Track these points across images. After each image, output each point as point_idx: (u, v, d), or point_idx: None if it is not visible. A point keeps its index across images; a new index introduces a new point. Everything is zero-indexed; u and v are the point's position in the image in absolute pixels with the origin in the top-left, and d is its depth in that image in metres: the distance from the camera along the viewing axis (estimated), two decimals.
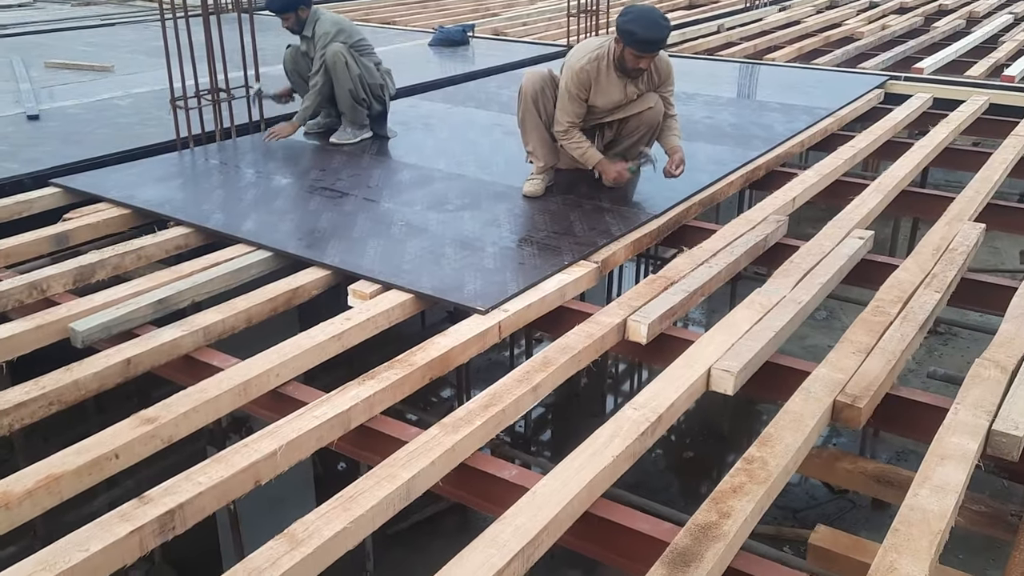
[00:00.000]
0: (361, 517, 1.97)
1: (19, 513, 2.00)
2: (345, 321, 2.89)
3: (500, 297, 3.05)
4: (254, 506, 4.15)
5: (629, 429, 2.32)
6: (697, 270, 3.34)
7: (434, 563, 1.87)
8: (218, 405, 2.46)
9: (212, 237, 3.68)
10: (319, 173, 4.48)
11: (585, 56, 4.00)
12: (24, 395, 2.42)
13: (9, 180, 4.18)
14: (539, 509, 2.00)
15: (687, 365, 2.66)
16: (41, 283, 3.18)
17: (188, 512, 2.01)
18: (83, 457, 2.14)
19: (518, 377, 2.57)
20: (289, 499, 3.70)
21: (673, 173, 4.16)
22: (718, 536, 1.93)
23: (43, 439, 4.50)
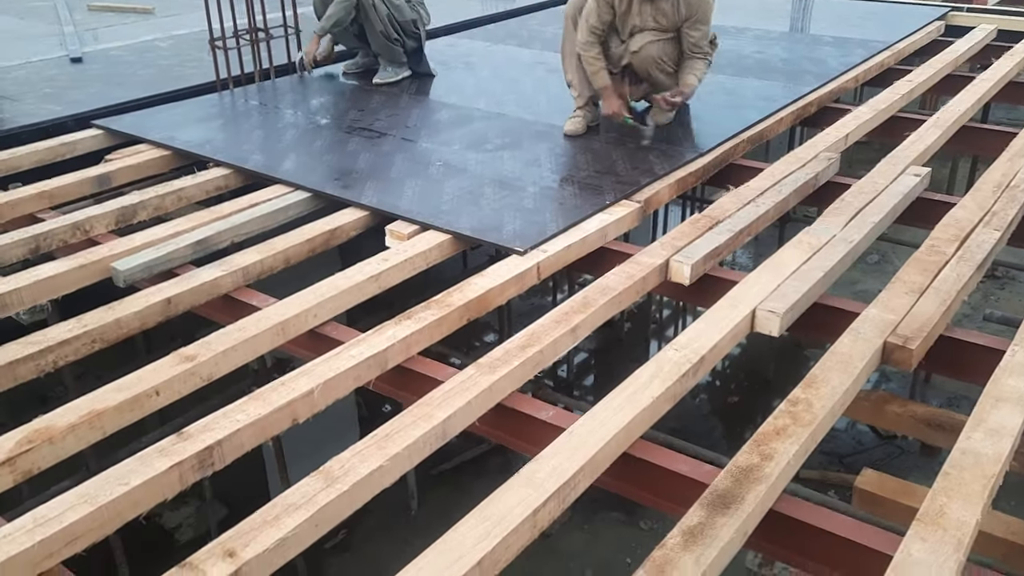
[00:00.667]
0: (397, 455, 1.96)
1: (63, 447, 2.03)
2: (382, 262, 2.87)
3: (539, 238, 2.99)
4: (300, 446, 4.23)
5: (670, 370, 2.27)
6: (743, 209, 3.24)
7: (477, 503, 1.86)
8: (256, 344, 2.46)
9: (251, 178, 3.67)
10: (357, 113, 4.43)
11: None
12: (67, 332, 2.45)
13: (53, 122, 4.20)
14: (576, 450, 1.97)
15: (731, 306, 2.58)
16: (84, 223, 3.20)
17: (226, 448, 2.02)
18: (124, 394, 2.16)
19: (556, 318, 2.52)
20: (334, 440, 3.73)
21: (661, 100, 3.99)
22: (759, 478, 1.89)
23: (96, 377, 4.63)
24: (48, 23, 6.59)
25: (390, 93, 4.79)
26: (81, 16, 6.87)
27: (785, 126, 4.42)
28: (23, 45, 5.82)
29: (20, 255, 3.06)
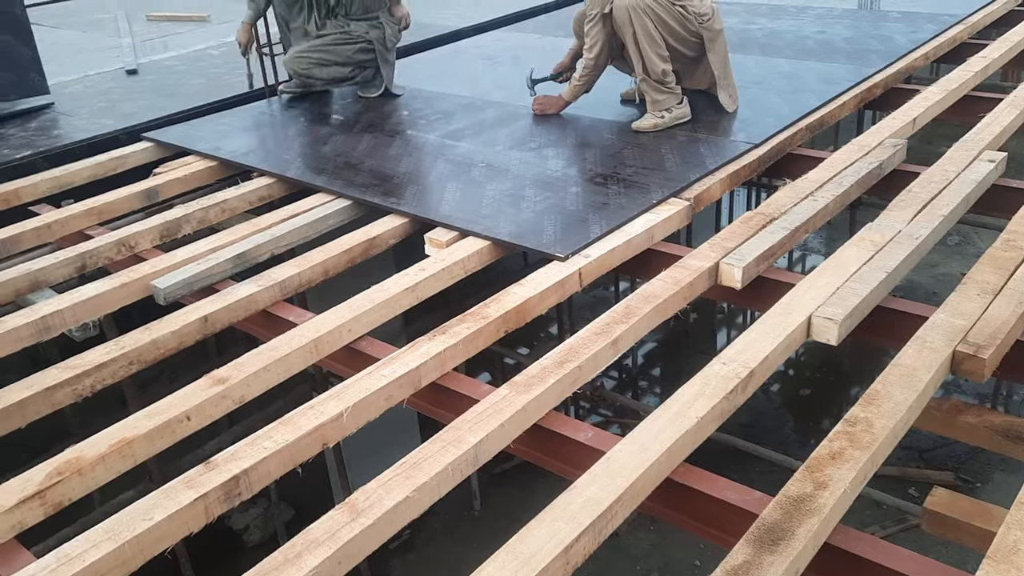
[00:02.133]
0: (424, 485, 1.88)
1: (93, 478, 2.01)
2: (419, 272, 2.79)
3: (581, 242, 2.86)
4: (360, 449, 4.23)
5: (716, 387, 2.13)
6: (800, 204, 3.05)
7: (540, 504, 1.79)
8: (289, 363, 2.42)
9: (294, 187, 3.64)
10: (401, 116, 4.37)
11: None
12: (105, 355, 2.44)
13: (105, 136, 4.26)
14: (613, 478, 1.86)
15: (785, 312, 2.42)
16: (129, 239, 3.22)
17: (253, 478, 1.97)
18: (154, 420, 2.14)
19: (596, 330, 2.40)
20: (395, 441, 3.71)
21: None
22: (812, 510, 1.74)
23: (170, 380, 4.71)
24: (108, 35, 6.74)
25: (434, 93, 4.71)
26: (140, 26, 7.00)
27: (848, 111, 4.18)
28: (83, 58, 5.94)
29: (68, 274, 3.09)
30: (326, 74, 4.55)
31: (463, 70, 5.18)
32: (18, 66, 4.47)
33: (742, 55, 4.94)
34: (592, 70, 3.94)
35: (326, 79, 4.58)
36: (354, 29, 4.53)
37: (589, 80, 3.99)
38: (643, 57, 3.74)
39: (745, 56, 4.92)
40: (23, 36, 4.48)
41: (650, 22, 3.69)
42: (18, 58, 4.46)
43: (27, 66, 4.50)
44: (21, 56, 4.47)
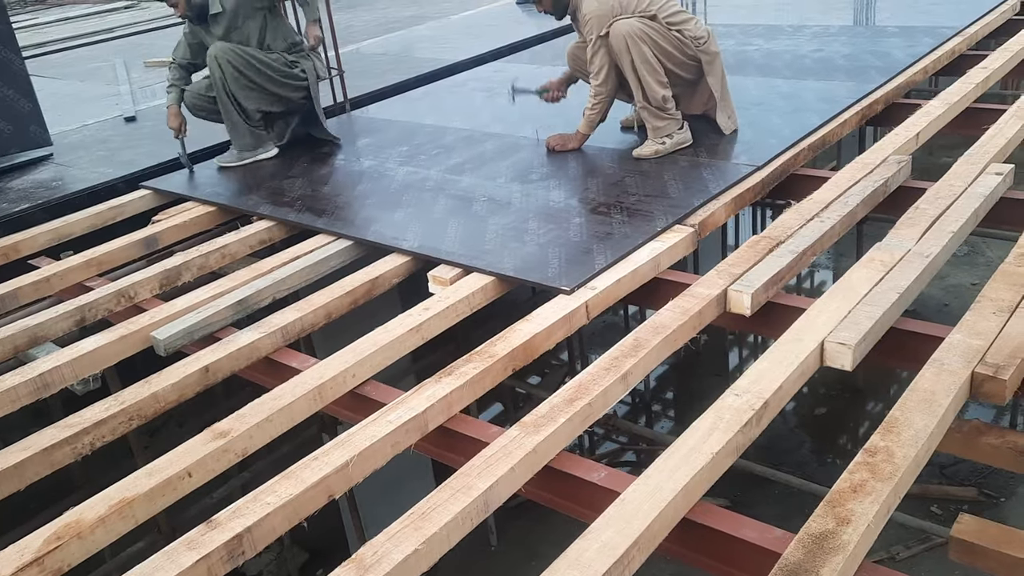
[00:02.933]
0: (434, 536, 1.82)
1: (93, 541, 1.96)
2: (424, 311, 2.74)
3: (587, 274, 2.82)
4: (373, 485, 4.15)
5: (731, 420, 2.07)
6: (807, 226, 3.00)
7: (559, 537, 1.74)
8: (292, 413, 2.37)
9: (295, 229, 3.61)
10: (403, 151, 4.35)
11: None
12: (104, 412, 2.40)
13: (104, 185, 4.25)
14: (629, 520, 1.80)
15: (796, 339, 2.36)
16: (128, 290, 3.19)
17: (257, 535, 1.91)
18: (155, 479, 2.08)
19: (606, 365, 2.35)
20: (406, 478, 3.64)
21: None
22: (835, 548, 1.67)
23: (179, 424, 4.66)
24: (107, 83, 6.77)
25: (437, 127, 4.70)
26: (138, 73, 7.04)
27: (850, 128, 4.15)
28: (82, 108, 5.97)
29: (67, 328, 3.05)
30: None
31: (462, 103, 5.18)
32: (18, 119, 4.50)
33: (740, 77, 4.92)
34: (604, 97, 3.87)
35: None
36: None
37: (603, 108, 3.93)
38: (642, 84, 3.72)
39: (744, 78, 4.90)
40: (23, 88, 4.52)
41: (647, 48, 3.67)
42: (18, 111, 4.50)
43: (27, 118, 4.53)
44: (21, 109, 4.50)
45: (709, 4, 7.36)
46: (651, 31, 3.67)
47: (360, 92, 5.43)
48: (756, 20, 6.48)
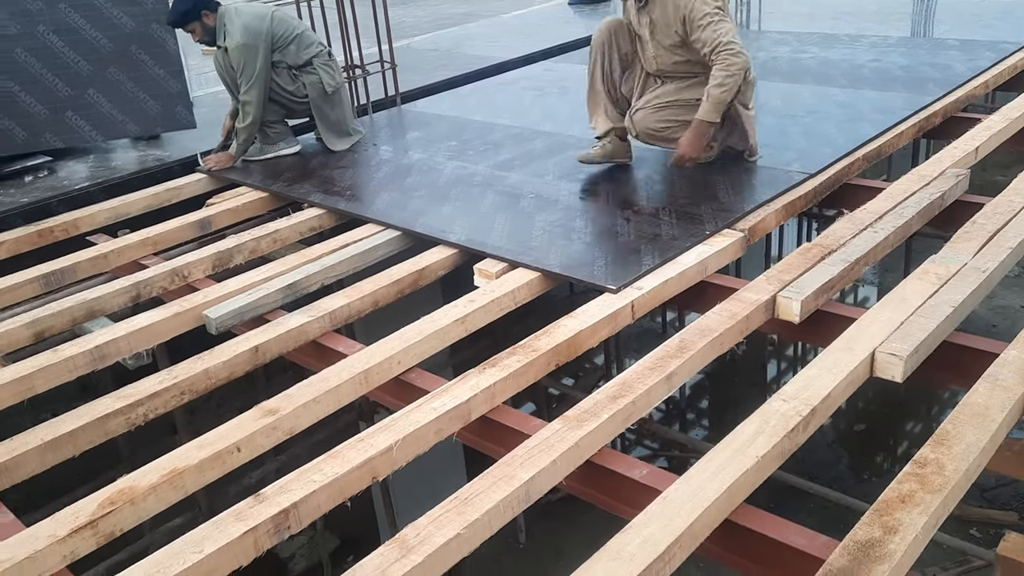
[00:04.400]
0: (476, 522, 1.84)
1: (145, 508, 2.01)
2: (468, 303, 2.77)
3: (633, 274, 2.82)
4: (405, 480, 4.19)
5: (777, 424, 2.05)
6: (860, 236, 2.97)
7: (587, 538, 1.75)
8: (339, 395, 2.40)
9: (344, 217, 3.66)
10: (452, 146, 4.38)
11: None
12: (158, 384, 2.46)
13: (161, 167, 4.34)
14: (671, 518, 1.79)
15: (847, 348, 2.34)
16: (182, 269, 3.25)
17: (303, 511, 1.95)
18: (206, 451, 2.13)
19: (650, 364, 2.35)
20: (440, 472, 3.67)
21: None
22: (882, 556, 1.66)
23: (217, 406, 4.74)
24: None
25: (485, 123, 4.72)
26: (195, 60, 7.15)
27: (906, 140, 4.09)
28: None
29: (122, 303, 3.13)
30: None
31: (511, 101, 5.20)
32: (166, 98, 4.59)
33: (795, 84, 4.88)
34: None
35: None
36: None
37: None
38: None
39: (799, 86, 4.86)
40: (173, 69, 4.60)
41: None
42: (167, 91, 4.58)
43: (175, 99, 4.61)
44: (170, 89, 4.59)
45: (764, 11, 7.30)
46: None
47: (410, 87, 5.48)
48: (812, 28, 6.41)
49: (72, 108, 4.36)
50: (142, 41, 4.45)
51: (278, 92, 4.25)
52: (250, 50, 4.05)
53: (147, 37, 4.46)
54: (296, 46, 4.21)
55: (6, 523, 2.04)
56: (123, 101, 4.47)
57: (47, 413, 2.76)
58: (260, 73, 4.10)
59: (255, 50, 4.05)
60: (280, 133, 4.40)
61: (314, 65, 4.29)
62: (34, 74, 4.22)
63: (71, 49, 4.27)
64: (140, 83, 4.50)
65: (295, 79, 4.28)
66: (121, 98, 4.46)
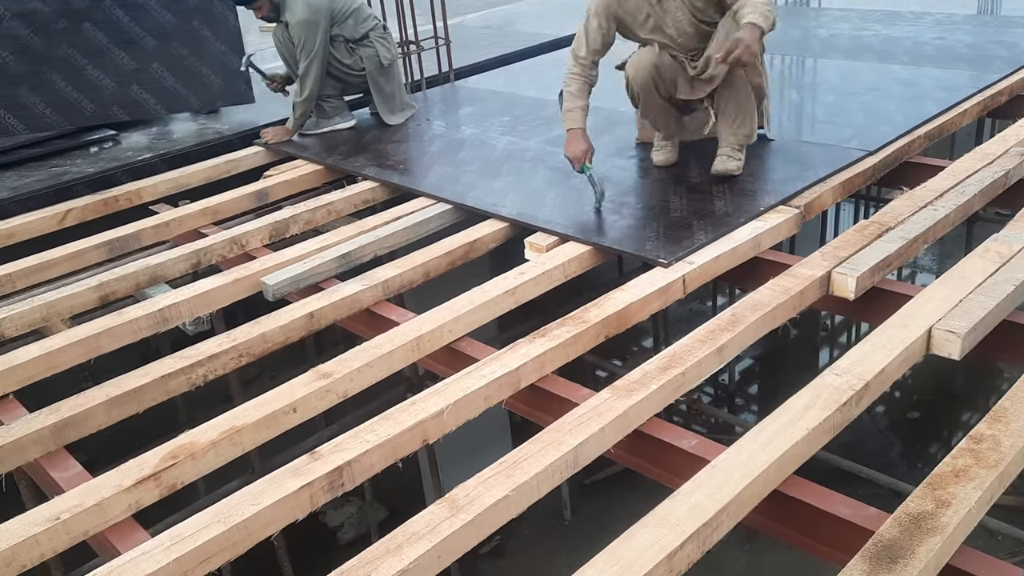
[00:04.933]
0: (524, 484, 1.87)
1: (204, 463, 2.08)
2: (519, 275, 2.79)
3: (686, 248, 2.81)
4: (453, 450, 4.25)
5: (829, 398, 2.04)
6: (919, 213, 2.91)
7: (631, 516, 1.75)
8: (391, 361, 2.45)
9: (397, 191, 3.71)
10: (504, 121, 4.39)
11: None
12: (217, 347, 2.53)
13: (220, 140, 4.44)
14: (719, 487, 1.80)
15: (903, 324, 2.31)
16: (240, 238, 3.33)
17: (356, 470, 2.00)
18: (262, 410, 2.19)
19: (701, 337, 2.34)
20: (487, 445, 3.71)
21: (716, 57, 3.07)
22: (934, 528, 1.64)
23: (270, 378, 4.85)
24: None
25: (537, 100, 4.72)
26: (253, 37, 7.26)
27: (970, 119, 3.98)
28: None
29: (183, 270, 3.22)
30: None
31: None
32: (228, 73, 4.69)
33: (856, 62, 4.78)
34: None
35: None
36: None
37: None
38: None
39: (859, 63, 4.76)
40: (235, 45, 4.71)
41: None
42: (228, 66, 4.69)
43: (236, 74, 4.70)
44: (231, 64, 4.69)
45: None
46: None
47: (463, 63, 5.50)
48: (875, 5, 6.26)
49: (137, 82, 4.48)
50: (204, 17, 4.55)
51: (336, 66, 4.31)
52: (311, 25, 4.11)
53: (209, 13, 4.56)
54: (354, 20, 4.27)
55: (74, 473, 2.13)
56: (186, 75, 4.58)
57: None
58: (320, 48, 4.16)
59: (316, 25, 4.12)
60: (336, 107, 4.46)
61: (371, 39, 4.34)
62: (101, 48, 4.34)
63: (136, 24, 4.37)
64: (202, 58, 4.60)
65: (352, 52, 4.33)
66: (184, 72, 4.57)
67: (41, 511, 1.90)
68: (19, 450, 2.15)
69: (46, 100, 4.32)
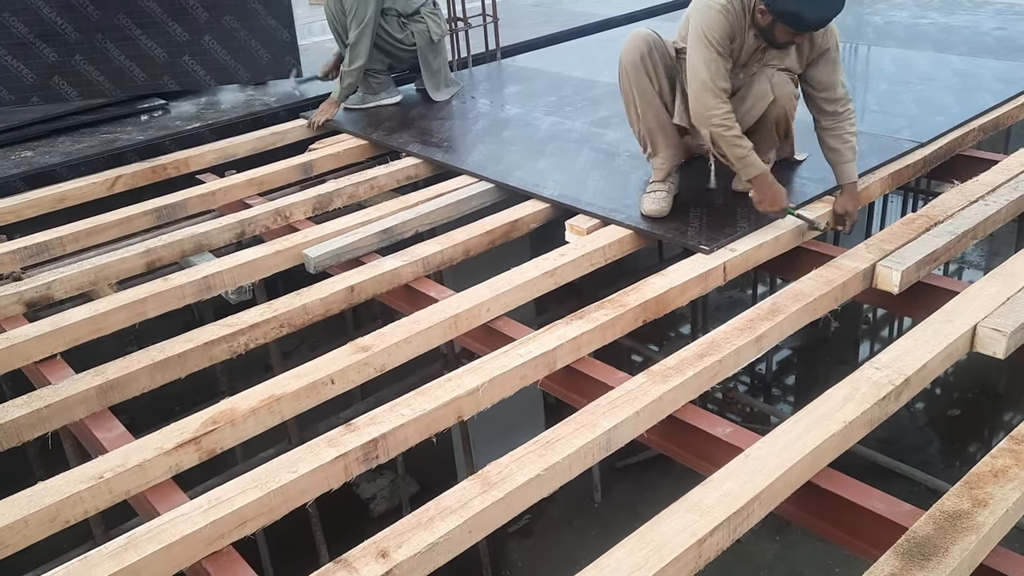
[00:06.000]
0: (556, 464, 1.88)
1: (244, 429, 2.12)
2: (559, 257, 2.79)
3: (728, 236, 2.78)
4: (486, 429, 4.29)
5: (867, 391, 2.02)
6: (969, 208, 2.85)
7: (662, 501, 1.76)
8: (429, 337, 2.47)
9: (439, 168, 3.72)
10: (550, 101, 4.37)
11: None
12: (259, 316, 2.57)
13: (267, 112, 4.48)
14: (752, 475, 1.80)
15: (947, 320, 2.27)
16: (285, 210, 3.37)
17: (391, 442, 2.03)
18: (302, 380, 2.23)
19: (740, 325, 2.33)
20: (520, 426, 3.73)
21: (841, 229, 2.96)
22: (969, 528, 1.62)
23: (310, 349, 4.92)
24: None
25: (584, 80, 4.69)
26: (303, 10, 7.30)
27: None
28: None
29: (228, 239, 3.27)
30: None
31: (613, 58, 5.08)
32: (277, 47, 4.75)
33: (911, 50, 4.67)
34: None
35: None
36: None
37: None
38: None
39: (915, 52, 4.65)
40: (284, 20, 4.76)
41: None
42: (278, 40, 4.75)
43: (285, 48, 4.76)
44: (281, 38, 4.75)
45: None
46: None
47: (511, 41, 5.47)
48: None
49: (189, 53, 4.54)
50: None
51: (386, 40, 4.33)
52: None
53: None
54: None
55: (117, 434, 2.19)
56: (236, 49, 4.63)
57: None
58: (371, 19, 4.19)
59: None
60: (382, 83, 4.48)
61: (422, 14, 4.36)
62: (155, 19, 4.40)
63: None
64: (253, 32, 4.64)
65: (404, 27, 4.35)
66: (234, 45, 4.61)
67: (85, 469, 1.95)
68: (66, 409, 2.21)
69: (100, 68, 4.41)
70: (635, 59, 2.95)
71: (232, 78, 4.73)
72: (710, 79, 2.71)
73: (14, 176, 3.72)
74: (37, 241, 3.14)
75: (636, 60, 2.95)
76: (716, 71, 2.71)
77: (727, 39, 2.73)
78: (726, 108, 2.73)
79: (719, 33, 2.71)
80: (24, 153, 3.99)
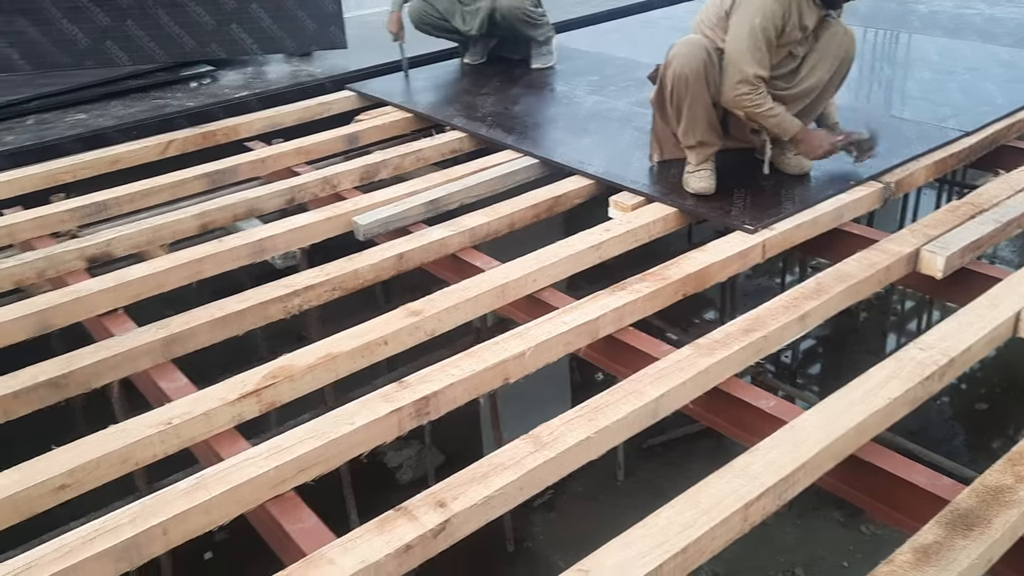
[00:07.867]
0: (605, 429, 1.94)
1: (301, 384, 2.20)
2: (604, 232, 2.84)
3: (771, 216, 2.81)
4: (513, 408, 4.36)
5: (912, 371, 2.06)
6: (1015, 197, 2.87)
7: (685, 483, 1.81)
8: (477, 304, 2.53)
9: (484, 142, 3.76)
10: (592, 80, 4.40)
11: None
12: (312, 279, 2.65)
13: (313, 83, 4.55)
14: (797, 445, 1.85)
15: (991, 305, 2.30)
16: (333, 179, 3.44)
17: (441, 400, 2.09)
18: (357, 340, 2.30)
19: (785, 303, 2.37)
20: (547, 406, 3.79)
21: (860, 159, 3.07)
22: (1012, 502, 1.67)
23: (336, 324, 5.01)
24: None
25: (627, 60, 4.71)
26: None
27: None
28: None
29: (277, 205, 3.34)
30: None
31: (655, 40, 5.12)
32: (322, 18, 4.81)
33: (956, 40, 4.65)
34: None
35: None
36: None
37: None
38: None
39: (960, 41, 4.63)
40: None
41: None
42: (324, 11, 4.80)
43: (330, 19, 4.81)
44: (326, 9, 4.81)
45: None
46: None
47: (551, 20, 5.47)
48: None
49: (236, 21, 4.60)
50: None
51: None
52: None
53: None
54: None
55: (181, 385, 2.28)
56: (282, 18, 4.69)
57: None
58: None
59: None
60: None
61: None
62: None
63: None
64: (299, 2, 4.70)
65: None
66: (281, 15, 4.68)
67: (154, 415, 2.04)
68: (132, 360, 2.30)
69: (150, 34, 4.48)
70: (698, 68, 2.97)
71: (278, 47, 4.80)
72: (753, 74, 2.85)
73: (70, 137, 3.81)
74: (95, 200, 3.23)
75: (699, 69, 2.97)
76: (760, 61, 2.85)
77: (779, 27, 2.84)
78: (762, 91, 2.88)
79: (770, 23, 2.82)
80: (78, 115, 4.08)
